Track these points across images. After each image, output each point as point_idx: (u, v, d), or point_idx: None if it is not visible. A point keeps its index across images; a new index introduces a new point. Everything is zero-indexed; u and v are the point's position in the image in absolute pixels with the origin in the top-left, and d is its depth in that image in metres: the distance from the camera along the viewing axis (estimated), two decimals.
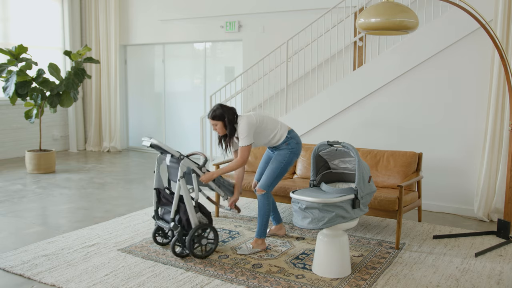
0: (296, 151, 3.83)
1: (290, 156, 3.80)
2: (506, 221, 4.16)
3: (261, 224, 3.81)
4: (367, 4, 5.68)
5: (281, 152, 3.81)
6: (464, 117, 4.91)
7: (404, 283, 3.22)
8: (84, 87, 9.19)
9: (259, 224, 3.82)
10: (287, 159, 3.79)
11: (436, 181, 5.02)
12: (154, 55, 8.95)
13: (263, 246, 3.82)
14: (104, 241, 4.00)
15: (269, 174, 3.79)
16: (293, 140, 3.83)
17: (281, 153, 3.81)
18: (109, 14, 8.78)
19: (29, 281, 3.23)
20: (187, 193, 3.57)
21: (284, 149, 3.81)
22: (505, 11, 4.46)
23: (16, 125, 8.16)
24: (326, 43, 6.12)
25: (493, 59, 4.58)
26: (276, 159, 3.81)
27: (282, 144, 3.81)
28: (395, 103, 5.25)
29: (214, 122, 3.71)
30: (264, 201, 3.80)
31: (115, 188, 6.09)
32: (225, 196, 3.86)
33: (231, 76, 7.99)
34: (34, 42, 8.23)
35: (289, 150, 3.80)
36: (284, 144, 3.81)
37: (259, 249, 3.79)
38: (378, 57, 5.33)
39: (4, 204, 5.23)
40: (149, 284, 3.17)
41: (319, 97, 5.67)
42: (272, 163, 3.81)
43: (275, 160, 3.81)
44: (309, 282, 3.22)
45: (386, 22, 3.58)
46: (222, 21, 7.61)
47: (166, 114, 8.91)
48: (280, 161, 3.79)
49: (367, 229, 4.41)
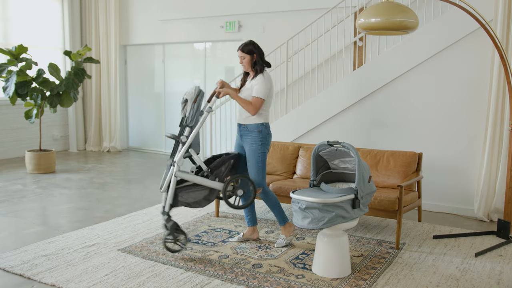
0: (265, 142, 3.83)
1: (262, 148, 3.82)
2: (506, 221, 4.16)
3: (278, 213, 3.93)
4: (367, 4, 5.68)
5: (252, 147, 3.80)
6: (464, 117, 4.91)
7: (404, 283, 3.23)
8: (84, 87, 9.18)
9: (276, 214, 3.92)
10: (260, 150, 3.81)
11: (436, 181, 5.02)
12: (154, 55, 8.95)
13: (292, 229, 3.96)
14: (104, 241, 4.00)
15: (253, 170, 3.83)
16: (266, 130, 3.84)
17: (252, 148, 3.80)
18: (109, 14, 8.78)
19: (29, 281, 3.23)
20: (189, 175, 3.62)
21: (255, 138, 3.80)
22: (505, 11, 4.46)
23: (16, 125, 8.16)
24: (326, 43, 6.11)
25: (493, 59, 4.58)
26: (249, 154, 3.82)
27: (256, 126, 3.80)
28: (395, 103, 5.25)
29: (242, 54, 3.80)
30: (267, 195, 3.89)
31: (115, 188, 6.09)
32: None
33: (231, 76, 7.99)
34: (34, 42, 8.23)
35: (260, 141, 3.80)
36: (257, 131, 3.80)
37: (292, 234, 3.96)
38: (378, 57, 5.33)
39: (4, 204, 5.23)
40: (149, 284, 3.17)
41: (319, 97, 5.67)
42: (249, 159, 3.84)
43: (250, 155, 3.82)
44: (309, 282, 3.22)
45: (386, 22, 3.59)
46: (222, 21, 7.61)
47: (166, 114, 8.91)
48: (256, 156, 3.80)
49: (367, 229, 4.41)
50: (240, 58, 3.84)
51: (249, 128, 3.83)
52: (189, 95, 3.71)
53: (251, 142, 3.82)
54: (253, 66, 3.83)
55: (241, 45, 3.82)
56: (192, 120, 3.68)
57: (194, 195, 3.65)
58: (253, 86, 3.78)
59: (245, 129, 3.86)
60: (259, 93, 3.73)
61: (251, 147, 3.82)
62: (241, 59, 3.84)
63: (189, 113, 3.69)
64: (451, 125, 4.98)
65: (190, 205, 3.67)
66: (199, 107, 3.71)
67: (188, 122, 3.67)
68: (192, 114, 3.68)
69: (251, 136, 3.82)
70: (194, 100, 3.69)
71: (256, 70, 3.82)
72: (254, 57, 3.81)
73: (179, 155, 3.63)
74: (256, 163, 3.82)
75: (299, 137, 5.80)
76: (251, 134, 3.82)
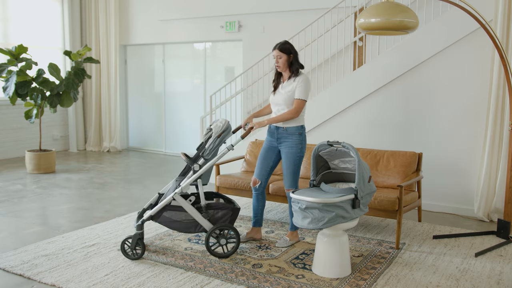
0: (304, 145, 3.81)
1: (301, 151, 3.78)
2: (506, 221, 4.16)
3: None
4: (367, 4, 5.68)
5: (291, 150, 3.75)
6: (464, 117, 4.91)
7: (404, 283, 3.22)
8: (84, 87, 9.19)
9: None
10: (299, 154, 3.77)
11: (436, 181, 5.02)
12: (154, 55, 8.95)
13: (297, 238, 3.99)
14: (104, 241, 4.00)
15: (289, 172, 3.78)
16: (304, 132, 3.83)
17: (292, 151, 3.75)
18: (109, 14, 8.78)
19: (29, 281, 3.23)
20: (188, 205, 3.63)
21: (295, 141, 3.74)
22: (505, 11, 4.46)
23: (16, 125, 8.16)
24: (326, 43, 6.12)
25: (493, 59, 4.58)
26: (288, 157, 3.76)
27: (297, 129, 3.74)
28: (395, 103, 5.25)
29: (279, 54, 3.71)
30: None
31: (115, 188, 6.09)
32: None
33: (231, 76, 7.99)
34: (34, 42, 8.23)
35: (300, 144, 3.75)
36: (298, 133, 3.74)
37: (295, 241, 3.97)
38: (378, 57, 5.33)
39: (4, 204, 5.23)
40: (149, 284, 3.17)
41: (319, 97, 5.67)
42: (286, 162, 3.77)
43: (288, 158, 3.76)
44: (309, 282, 3.22)
45: (386, 22, 3.59)
46: (222, 21, 7.61)
47: (166, 114, 8.91)
48: (295, 159, 3.76)
49: (367, 229, 4.41)
50: (276, 58, 3.73)
51: (289, 131, 3.75)
52: (216, 128, 3.70)
53: (291, 145, 3.75)
54: (289, 66, 3.75)
55: (277, 44, 3.73)
56: (209, 154, 3.69)
57: (179, 217, 3.62)
58: (295, 88, 3.69)
59: (285, 132, 3.76)
60: (301, 95, 3.67)
61: (291, 150, 3.75)
62: (277, 59, 3.73)
63: (209, 145, 3.69)
64: (451, 125, 4.98)
65: (170, 224, 3.63)
66: (221, 143, 3.71)
67: (205, 154, 3.69)
68: (211, 147, 3.69)
69: (292, 139, 3.75)
70: (219, 135, 3.68)
71: (293, 70, 3.73)
72: (290, 57, 3.73)
73: (187, 182, 3.63)
74: (293, 165, 3.76)
75: None
76: (291, 137, 3.75)
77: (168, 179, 6.51)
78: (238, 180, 4.67)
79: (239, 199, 5.26)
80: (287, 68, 3.76)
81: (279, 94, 3.80)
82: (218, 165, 4.83)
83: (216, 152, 3.73)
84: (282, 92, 3.78)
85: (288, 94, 3.72)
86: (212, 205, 3.67)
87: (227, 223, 3.67)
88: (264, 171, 3.93)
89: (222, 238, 3.62)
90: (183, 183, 3.63)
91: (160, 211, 3.61)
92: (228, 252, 3.63)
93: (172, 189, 3.69)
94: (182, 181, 3.69)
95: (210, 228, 3.60)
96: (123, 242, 3.61)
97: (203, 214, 3.62)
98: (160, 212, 3.61)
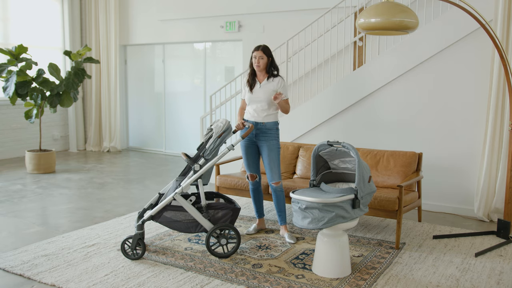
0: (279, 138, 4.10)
1: (279, 144, 4.06)
2: (506, 221, 4.16)
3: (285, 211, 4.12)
4: (367, 4, 5.68)
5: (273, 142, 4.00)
6: (464, 117, 4.91)
7: (404, 283, 3.23)
8: (84, 87, 9.19)
9: (284, 212, 4.11)
10: (278, 146, 4.05)
11: (436, 181, 5.02)
12: (154, 55, 8.95)
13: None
14: (104, 241, 4.00)
15: (275, 165, 4.01)
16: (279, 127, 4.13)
17: (273, 143, 4.00)
18: (109, 14, 8.78)
19: (29, 281, 3.23)
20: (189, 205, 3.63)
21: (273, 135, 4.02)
22: (505, 11, 4.46)
23: (16, 125, 8.16)
24: (326, 43, 6.12)
25: (493, 59, 4.58)
26: (272, 150, 3.99)
27: (274, 124, 4.03)
28: (395, 103, 5.25)
29: (262, 55, 3.96)
30: (281, 191, 4.04)
31: (115, 188, 6.09)
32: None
33: (231, 76, 7.99)
34: (34, 42, 8.23)
35: (278, 137, 4.05)
36: (275, 128, 4.04)
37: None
38: (378, 57, 5.33)
39: (4, 204, 5.23)
40: (149, 284, 3.17)
41: (319, 97, 5.67)
42: (271, 155, 3.99)
43: (272, 151, 3.99)
44: (309, 282, 3.22)
45: (386, 22, 3.59)
46: (222, 21, 7.61)
47: (166, 114, 8.91)
48: (276, 151, 4.02)
49: (367, 229, 4.41)
50: (258, 58, 3.96)
51: (268, 126, 4.00)
52: (217, 128, 3.75)
53: (271, 139, 4.01)
54: (268, 68, 4.01)
55: (260, 46, 3.98)
56: (210, 154, 3.72)
57: (180, 217, 3.62)
58: (279, 88, 3.97)
59: (264, 127, 4.00)
60: (287, 94, 4.02)
61: (271, 143, 4.00)
62: (258, 59, 3.96)
63: (209, 145, 3.73)
64: (451, 125, 4.98)
65: (170, 224, 3.64)
66: (221, 143, 3.75)
67: (205, 154, 3.72)
68: (212, 147, 3.73)
69: (270, 133, 4.01)
70: (219, 135, 3.73)
71: (271, 72, 4.02)
72: (269, 60, 4.00)
73: (188, 182, 3.64)
74: (277, 158, 4.01)
75: (299, 137, 5.81)
76: (270, 132, 4.01)
77: (168, 179, 6.51)
78: (238, 180, 4.67)
79: (239, 199, 5.26)
80: (265, 69, 4.02)
81: (259, 92, 4.02)
82: (218, 165, 4.83)
83: (216, 152, 3.76)
84: (262, 90, 4.01)
85: (269, 92, 3.98)
86: (213, 205, 3.68)
87: (228, 223, 3.67)
88: (256, 166, 4.17)
89: (222, 238, 3.62)
90: (184, 183, 3.64)
91: (161, 211, 3.62)
92: (228, 252, 3.64)
93: (173, 189, 3.69)
94: (182, 181, 3.69)
95: (211, 228, 3.61)
96: (124, 242, 3.61)
97: (204, 214, 3.63)
98: (160, 212, 3.62)
